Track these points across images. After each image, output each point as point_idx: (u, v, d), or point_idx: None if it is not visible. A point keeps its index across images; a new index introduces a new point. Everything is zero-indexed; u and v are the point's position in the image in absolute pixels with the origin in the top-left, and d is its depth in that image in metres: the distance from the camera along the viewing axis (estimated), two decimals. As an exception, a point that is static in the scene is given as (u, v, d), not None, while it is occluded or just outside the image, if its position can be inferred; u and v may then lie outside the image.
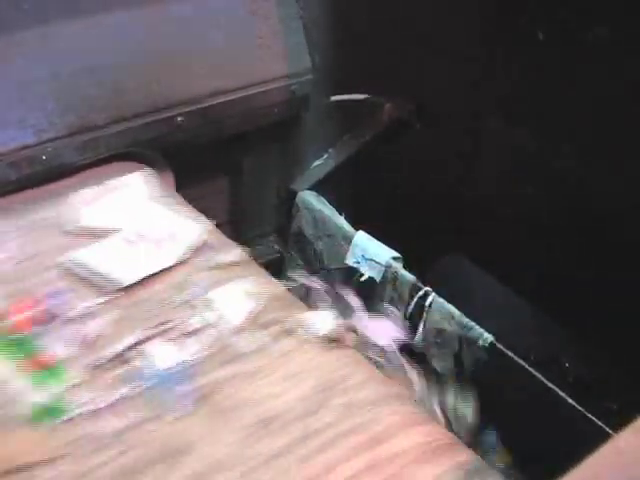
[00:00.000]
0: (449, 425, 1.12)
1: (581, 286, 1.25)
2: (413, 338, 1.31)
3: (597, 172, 1.20)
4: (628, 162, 1.16)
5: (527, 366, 1.16)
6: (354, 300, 1.11)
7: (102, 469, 0.78)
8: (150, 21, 1.33)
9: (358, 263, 1.41)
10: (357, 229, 1.46)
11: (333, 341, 0.96)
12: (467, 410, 1.18)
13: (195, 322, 0.96)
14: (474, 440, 1.15)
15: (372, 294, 1.41)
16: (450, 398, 1.20)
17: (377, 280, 1.39)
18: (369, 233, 1.44)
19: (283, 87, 1.48)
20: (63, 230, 1.13)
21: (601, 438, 0.57)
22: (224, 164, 1.58)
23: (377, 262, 1.38)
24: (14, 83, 1.20)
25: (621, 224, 1.18)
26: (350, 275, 1.44)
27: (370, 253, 1.40)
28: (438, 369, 1.31)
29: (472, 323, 1.23)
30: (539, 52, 1.21)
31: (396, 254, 1.38)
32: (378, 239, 1.42)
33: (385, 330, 1.08)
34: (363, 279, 1.40)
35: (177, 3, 1.36)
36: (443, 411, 1.14)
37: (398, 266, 1.36)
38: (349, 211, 1.50)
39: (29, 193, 1.20)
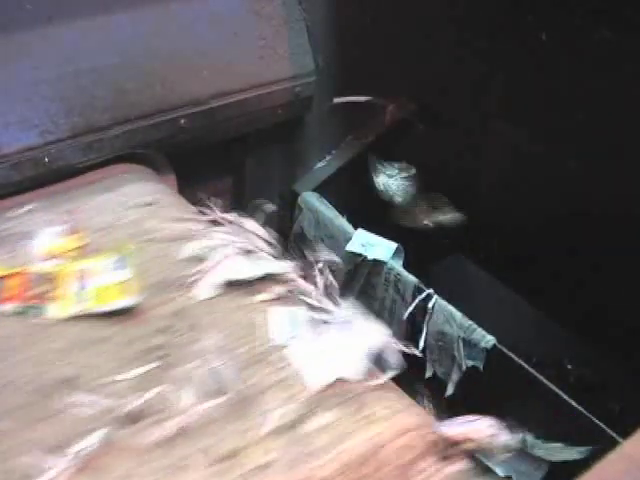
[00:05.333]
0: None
1: (582, 287, 1.25)
2: (415, 341, 1.30)
3: (599, 173, 1.20)
4: (630, 164, 1.16)
5: (529, 368, 1.16)
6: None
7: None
8: (154, 22, 1.34)
9: (363, 246, 1.37)
10: (358, 230, 1.45)
11: None
12: None
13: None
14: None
15: (373, 296, 1.41)
16: None
17: (385, 260, 1.35)
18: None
19: (286, 89, 1.49)
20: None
21: (603, 440, 0.57)
22: (227, 165, 1.58)
23: (384, 245, 1.35)
24: (18, 84, 1.21)
25: (623, 225, 1.18)
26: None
27: (372, 242, 1.38)
28: (438, 374, 1.30)
29: (474, 325, 1.23)
30: (542, 53, 1.21)
31: (396, 244, 1.37)
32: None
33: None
34: (370, 258, 1.36)
35: (181, 4, 1.37)
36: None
37: (400, 269, 1.36)
38: (351, 212, 1.50)
39: (32, 195, 1.20)
